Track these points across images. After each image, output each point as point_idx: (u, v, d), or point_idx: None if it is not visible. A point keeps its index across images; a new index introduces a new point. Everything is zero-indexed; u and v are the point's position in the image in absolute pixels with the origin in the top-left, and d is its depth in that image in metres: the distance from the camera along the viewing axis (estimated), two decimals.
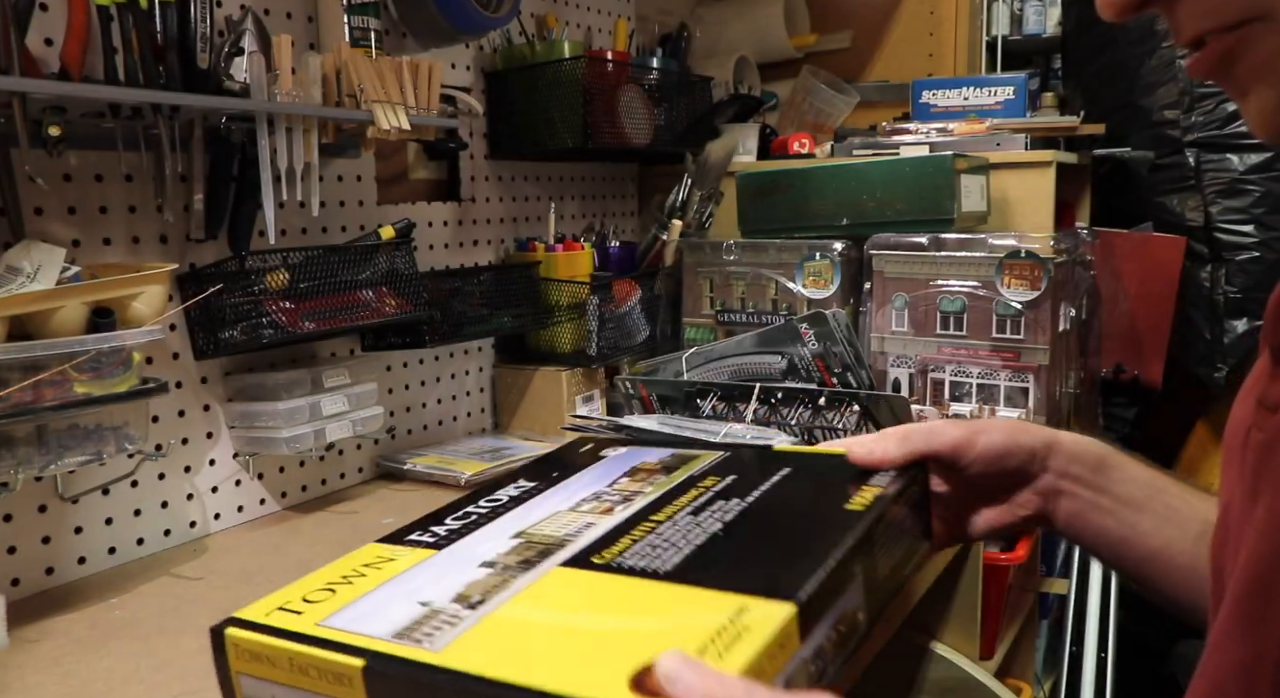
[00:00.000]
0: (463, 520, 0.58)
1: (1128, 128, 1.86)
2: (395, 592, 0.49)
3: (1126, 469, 0.62)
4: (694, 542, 0.49)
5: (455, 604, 0.46)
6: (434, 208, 1.43)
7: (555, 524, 0.55)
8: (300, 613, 0.48)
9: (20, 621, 0.87)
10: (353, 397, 1.18)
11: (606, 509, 0.56)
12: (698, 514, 0.53)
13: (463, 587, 0.47)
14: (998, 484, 0.63)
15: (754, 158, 1.73)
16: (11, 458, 0.84)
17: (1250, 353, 1.77)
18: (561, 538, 0.52)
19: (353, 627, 0.45)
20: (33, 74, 0.85)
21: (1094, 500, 0.62)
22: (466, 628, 0.43)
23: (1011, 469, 0.62)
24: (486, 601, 0.45)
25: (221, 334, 1.05)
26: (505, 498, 0.62)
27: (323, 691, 0.44)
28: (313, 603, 0.49)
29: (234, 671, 0.49)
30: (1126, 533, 0.61)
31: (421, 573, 0.51)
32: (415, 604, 0.46)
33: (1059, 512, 0.62)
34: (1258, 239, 1.73)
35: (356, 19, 1.16)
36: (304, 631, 0.46)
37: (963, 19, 2.03)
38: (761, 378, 1.34)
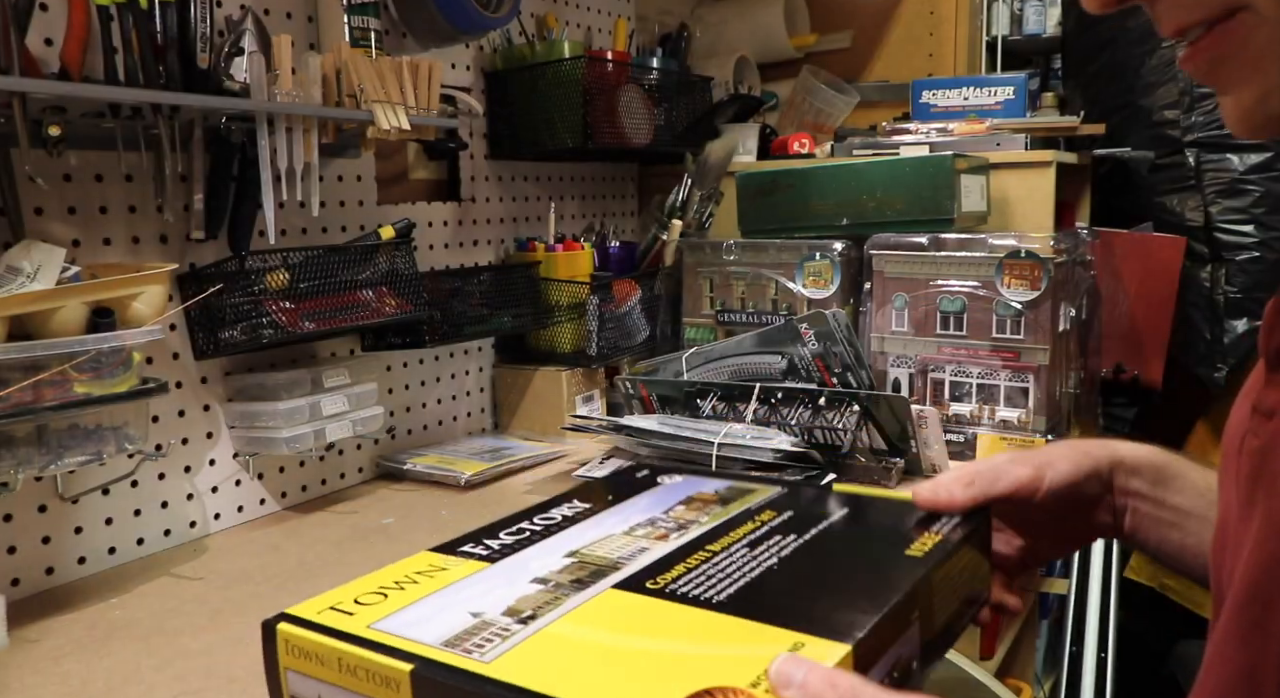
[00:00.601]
0: (516, 536, 0.58)
1: (1128, 128, 1.86)
2: (447, 601, 0.49)
3: (1186, 478, 0.62)
4: (749, 575, 0.50)
5: (506, 617, 0.46)
6: (434, 208, 1.43)
7: (609, 546, 0.55)
8: (352, 615, 0.49)
9: (20, 621, 0.87)
10: (353, 397, 1.18)
11: (661, 536, 0.56)
12: (754, 548, 0.53)
13: (514, 601, 0.48)
14: (1066, 512, 0.63)
15: (754, 158, 1.73)
16: (11, 458, 0.84)
17: (1250, 353, 1.77)
18: (615, 561, 0.52)
19: (404, 632, 0.46)
20: (33, 74, 0.85)
21: (1155, 514, 0.62)
22: (517, 642, 0.43)
23: (1080, 498, 0.62)
24: (538, 616, 0.46)
25: (221, 334, 1.05)
26: (559, 517, 0.61)
27: (369, 693, 0.44)
28: (365, 606, 0.50)
29: (282, 666, 0.49)
30: (1190, 542, 0.61)
31: (474, 585, 0.51)
32: (466, 614, 0.47)
33: (1124, 526, 0.63)
34: (1258, 239, 1.73)
35: (356, 19, 1.16)
36: (355, 632, 0.47)
37: (963, 19, 2.03)
38: (761, 378, 1.34)
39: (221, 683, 0.76)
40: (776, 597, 0.47)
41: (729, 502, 0.62)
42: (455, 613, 0.47)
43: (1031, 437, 1.28)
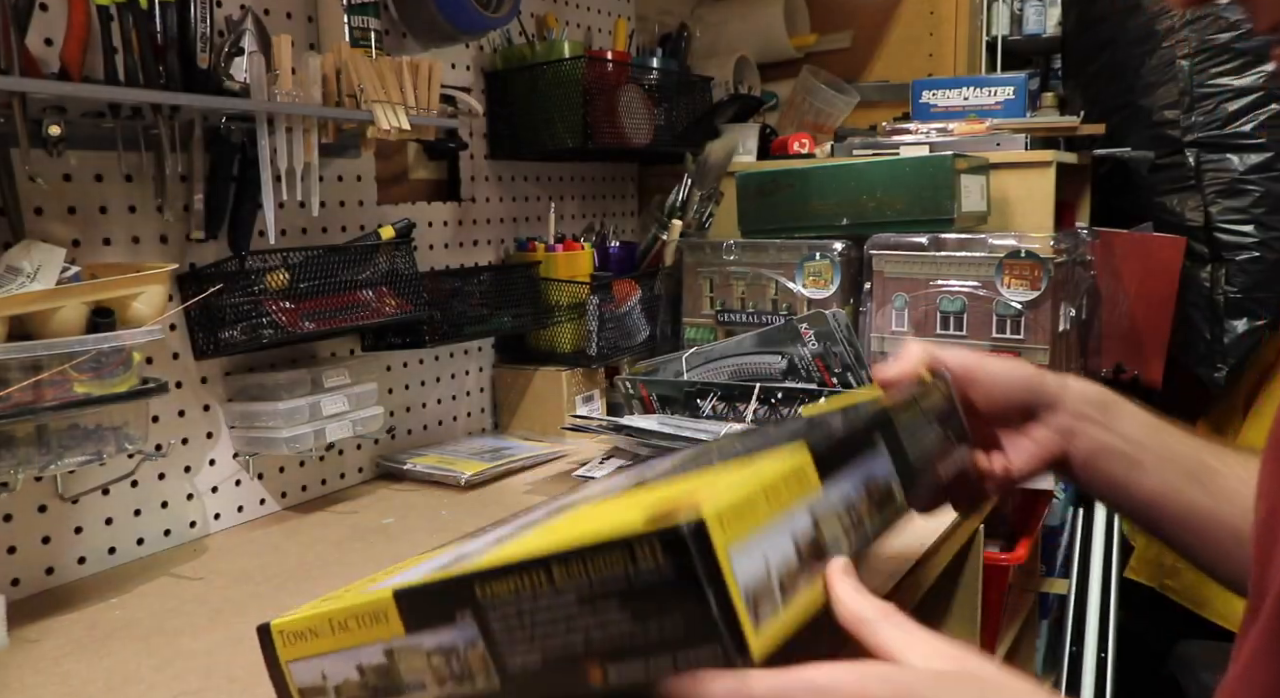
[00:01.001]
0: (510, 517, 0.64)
1: (1128, 128, 1.86)
2: (439, 558, 0.51)
3: (1130, 410, 0.65)
4: (745, 447, 0.56)
5: (491, 545, 0.49)
6: (434, 208, 1.43)
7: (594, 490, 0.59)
8: (342, 597, 0.51)
9: (20, 621, 0.87)
10: (353, 397, 1.18)
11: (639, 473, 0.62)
12: (746, 435, 0.62)
13: (500, 534, 0.51)
14: (1016, 418, 0.66)
15: (754, 158, 1.73)
16: (11, 458, 0.84)
17: (1250, 353, 1.77)
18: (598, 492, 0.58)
19: (394, 581, 0.47)
20: (33, 74, 0.85)
21: (1103, 440, 0.64)
22: (493, 551, 0.45)
23: (1024, 400, 0.65)
24: (520, 534, 0.48)
25: (221, 334, 1.05)
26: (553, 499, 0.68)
27: (365, 639, 0.46)
28: (352, 590, 0.52)
29: (283, 661, 0.50)
30: (1132, 473, 0.63)
31: (469, 544, 0.53)
32: (453, 556, 0.49)
33: (1076, 453, 0.65)
34: (1258, 239, 1.73)
35: (356, 19, 1.16)
36: (346, 599, 0.49)
37: (963, 19, 2.03)
38: (761, 378, 1.34)
39: (221, 683, 0.76)
40: (760, 447, 0.52)
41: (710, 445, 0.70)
42: (440, 560, 0.50)
43: None
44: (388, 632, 0.45)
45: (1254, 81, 1.71)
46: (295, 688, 0.50)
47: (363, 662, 0.46)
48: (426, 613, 0.43)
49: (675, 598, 0.37)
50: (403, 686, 0.45)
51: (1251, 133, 1.72)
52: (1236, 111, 1.73)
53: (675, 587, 0.37)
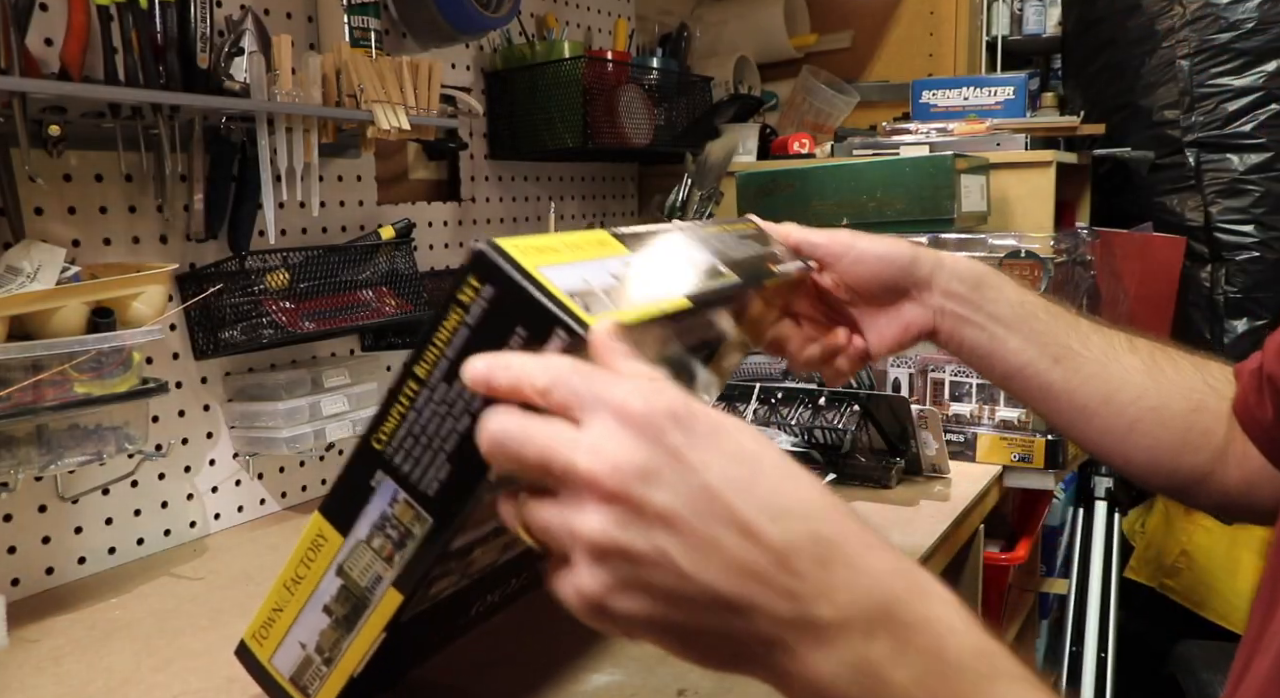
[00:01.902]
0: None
1: (1128, 128, 1.86)
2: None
3: (1002, 290, 0.68)
4: None
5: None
6: (434, 208, 1.43)
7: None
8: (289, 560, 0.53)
9: (20, 621, 0.87)
10: (353, 397, 1.18)
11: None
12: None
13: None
14: (886, 296, 0.70)
15: (754, 158, 1.73)
16: (11, 458, 0.84)
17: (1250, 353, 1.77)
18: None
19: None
20: (33, 74, 0.85)
21: (969, 317, 0.68)
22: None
23: (894, 279, 0.68)
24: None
25: (221, 334, 1.05)
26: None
27: (316, 575, 0.48)
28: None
29: (264, 661, 0.50)
30: (996, 348, 0.68)
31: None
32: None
33: (941, 329, 0.69)
34: (1258, 239, 1.73)
35: (356, 19, 1.16)
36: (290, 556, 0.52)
37: (963, 19, 2.03)
38: (761, 378, 1.34)
39: (221, 683, 0.76)
40: None
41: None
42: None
43: (1031, 436, 1.28)
44: (330, 552, 0.46)
45: (1254, 81, 1.71)
46: (285, 680, 0.50)
47: (325, 601, 0.47)
48: (348, 504, 0.45)
49: (509, 311, 0.40)
50: (364, 592, 0.46)
51: (1251, 133, 1.72)
52: (1236, 111, 1.73)
53: (503, 301, 0.40)
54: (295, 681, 0.47)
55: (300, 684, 0.48)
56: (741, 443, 0.36)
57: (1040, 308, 0.68)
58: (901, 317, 0.70)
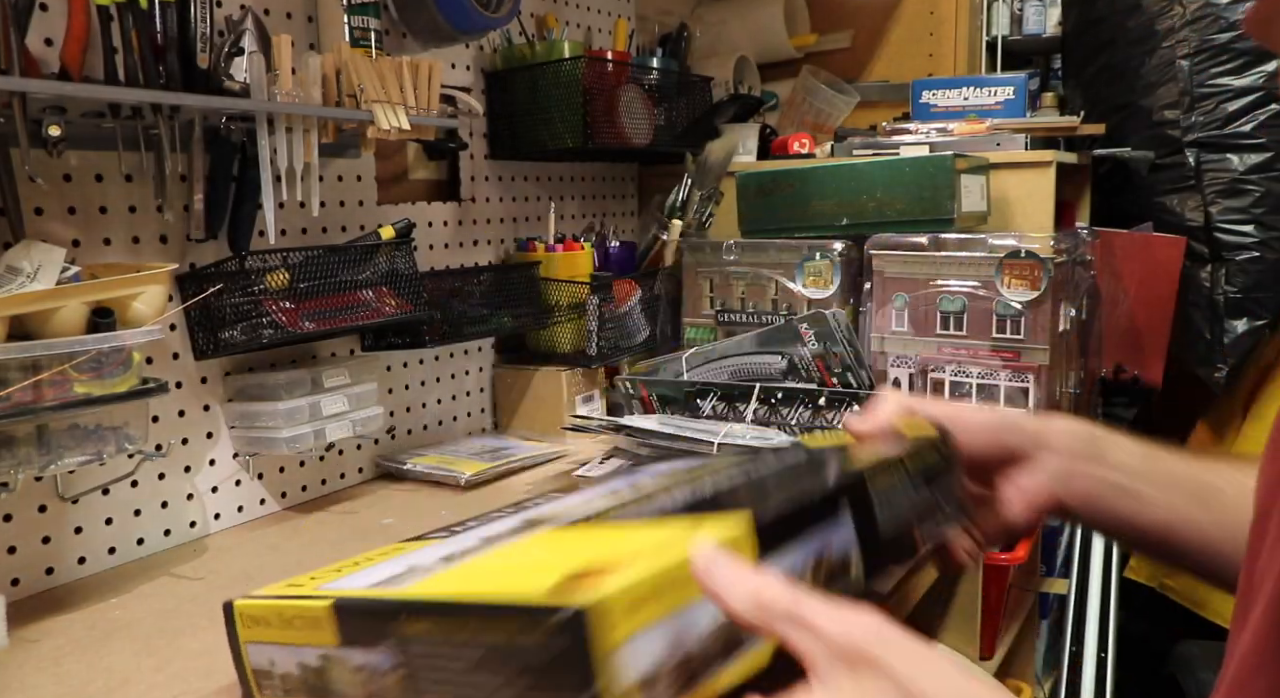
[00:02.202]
0: (481, 518, 0.60)
1: (1128, 128, 1.86)
2: (393, 565, 0.51)
3: (1119, 442, 0.62)
4: (684, 499, 0.50)
5: (439, 562, 0.48)
6: (434, 208, 1.43)
7: (564, 507, 0.55)
8: (302, 586, 0.51)
9: (20, 621, 0.87)
10: (353, 397, 1.18)
11: (616, 493, 0.56)
12: (695, 483, 0.53)
13: (451, 551, 0.50)
14: (1000, 468, 0.62)
15: (754, 158, 1.73)
16: (11, 458, 0.84)
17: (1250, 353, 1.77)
18: (563, 513, 0.53)
19: (341, 585, 0.48)
20: (33, 74, 0.85)
21: (1100, 475, 0.61)
22: (434, 574, 0.46)
23: (1007, 448, 0.61)
24: (466, 557, 0.47)
25: (221, 334, 1.05)
26: (531, 501, 0.63)
27: (306, 640, 0.46)
28: (316, 579, 0.52)
29: (241, 641, 0.51)
30: (1140, 505, 0.60)
31: (424, 551, 0.52)
32: (403, 566, 0.49)
33: (1073, 495, 0.61)
34: (1258, 239, 1.73)
35: (356, 19, 1.16)
36: (299, 592, 0.49)
37: (963, 19, 2.03)
38: (761, 378, 1.34)
39: (221, 683, 0.76)
40: (700, 508, 0.46)
41: (695, 469, 0.61)
42: (395, 567, 0.49)
43: None
44: (324, 639, 0.45)
45: (1254, 81, 1.71)
46: (250, 668, 0.50)
47: (303, 660, 0.47)
48: (357, 630, 0.44)
49: (560, 678, 0.35)
50: (333, 693, 0.45)
51: (1251, 133, 1.72)
52: (1236, 111, 1.73)
53: (561, 667, 0.35)
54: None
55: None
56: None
57: (1162, 453, 0.61)
58: (1023, 487, 0.62)
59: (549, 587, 0.36)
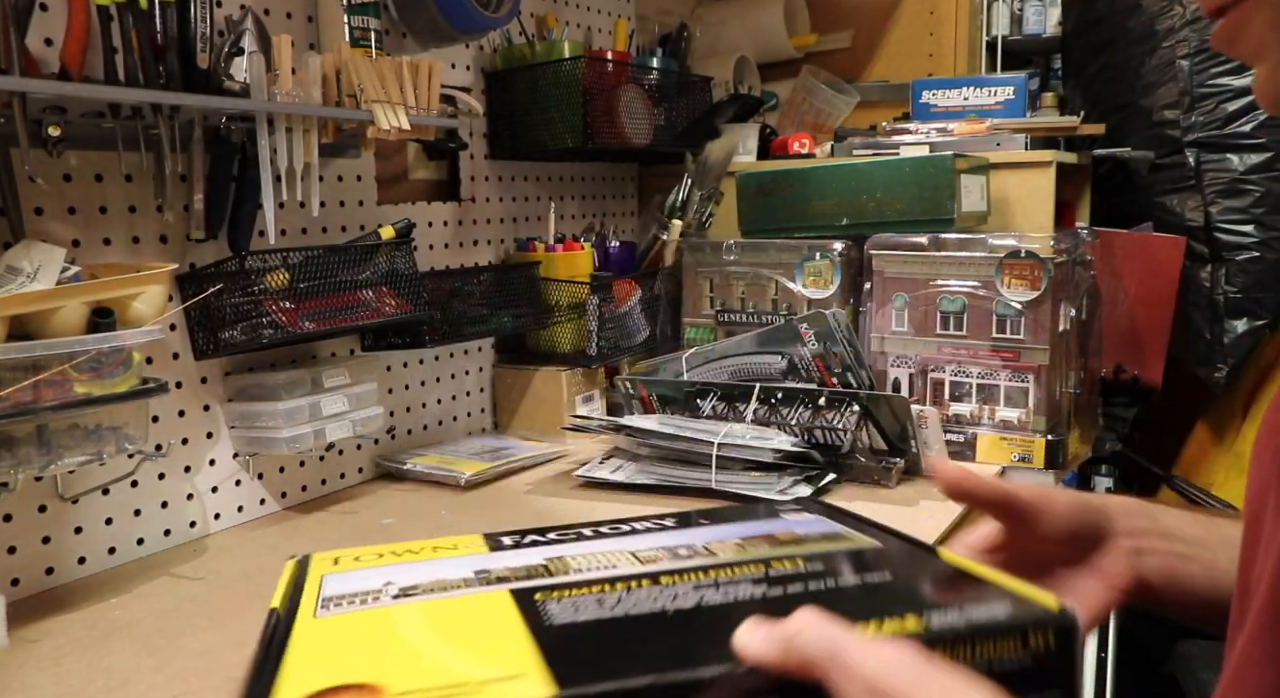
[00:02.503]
0: (546, 536, 0.53)
1: (1128, 128, 1.86)
2: (401, 570, 0.48)
3: (1168, 510, 0.59)
4: (648, 608, 0.39)
5: (391, 588, 0.45)
6: (434, 208, 1.43)
7: (584, 559, 0.47)
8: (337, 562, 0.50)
9: (20, 621, 0.87)
10: (353, 397, 1.18)
11: (651, 559, 0.46)
12: (716, 588, 0.42)
13: (419, 581, 0.46)
14: (1084, 552, 0.57)
15: (754, 158, 1.73)
16: (11, 458, 0.84)
17: (1250, 353, 1.77)
18: (559, 570, 0.46)
19: (329, 587, 0.46)
20: (33, 74, 0.85)
21: (1170, 548, 0.57)
22: (352, 610, 0.43)
23: (1091, 529, 0.57)
24: (408, 596, 0.44)
25: (221, 334, 1.05)
26: (619, 529, 0.53)
27: None
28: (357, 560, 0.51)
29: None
30: (1212, 578, 0.56)
31: (440, 563, 0.49)
32: (382, 581, 0.46)
33: (1150, 572, 0.57)
34: (1258, 239, 1.73)
35: (356, 19, 1.16)
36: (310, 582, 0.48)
37: (963, 19, 2.03)
38: (761, 378, 1.35)
39: (221, 683, 0.76)
40: (627, 641, 0.37)
41: (798, 543, 0.48)
42: (379, 579, 0.46)
43: (1031, 437, 1.28)
44: None
45: (1254, 81, 1.71)
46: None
47: None
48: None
49: None
50: None
51: (1251, 133, 1.72)
52: (1236, 111, 1.73)
53: None
54: None
55: None
56: None
57: (1210, 514, 0.58)
58: (1104, 572, 0.57)
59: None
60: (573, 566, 0.47)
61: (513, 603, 0.42)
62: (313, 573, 0.49)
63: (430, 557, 0.51)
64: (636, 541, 0.51)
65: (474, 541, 0.53)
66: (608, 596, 0.41)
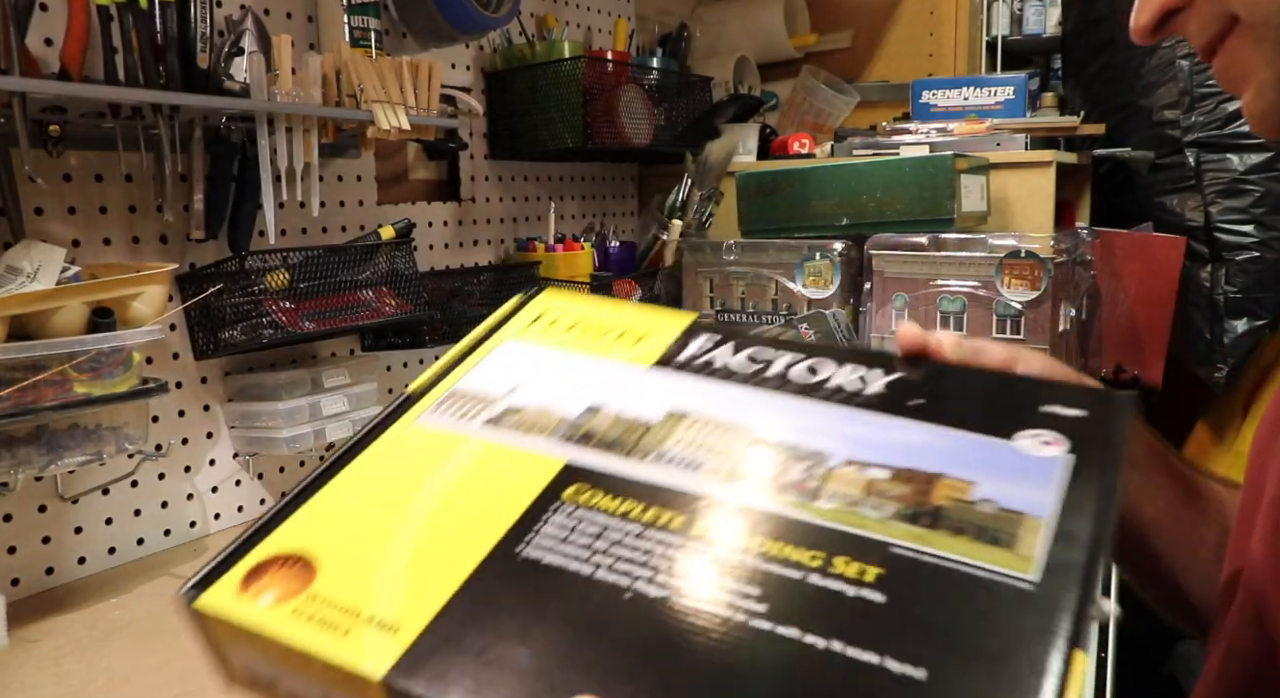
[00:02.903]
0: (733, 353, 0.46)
1: (1128, 128, 1.86)
2: (542, 370, 0.47)
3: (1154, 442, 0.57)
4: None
5: (499, 410, 0.44)
6: (434, 208, 1.43)
7: (687, 439, 0.41)
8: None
9: (20, 621, 0.87)
10: (353, 397, 1.18)
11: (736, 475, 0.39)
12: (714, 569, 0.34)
13: (534, 404, 0.44)
14: None
15: (754, 158, 1.73)
16: (11, 458, 0.84)
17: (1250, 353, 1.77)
18: (643, 449, 0.40)
19: (471, 381, 0.46)
20: (33, 74, 0.85)
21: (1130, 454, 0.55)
22: (448, 426, 0.43)
23: None
24: (495, 425, 0.43)
25: (221, 334, 1.05)
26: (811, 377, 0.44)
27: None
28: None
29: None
30: (1134, 498, 0.55)
31: (584, 378, 0.45)
32: (510, 386, 0.45)
33: None
34: (1258, 239, 1.73)
35: (356, 19, 1.16)
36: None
37: (963, 19, 2.03)
38: None
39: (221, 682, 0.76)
40: None
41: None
42: (514, 379, 0.46)
43: None
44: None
45: (1243, 105, 1.71)
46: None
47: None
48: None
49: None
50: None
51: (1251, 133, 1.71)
52: (1236, 111, 1.73)
53: None
54: None
55: None
56: None
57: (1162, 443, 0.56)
58: None
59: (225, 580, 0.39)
60: (653, 446, 0.40)
61: (537, 492, 0.39)
62: (504, 332, 0.49)
63: (599, 353, 0.47)
64: (786, 423, 0.40)
65: (674, 326, 0.47)
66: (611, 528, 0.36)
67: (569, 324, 0.50)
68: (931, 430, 0.40)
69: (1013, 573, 0.33)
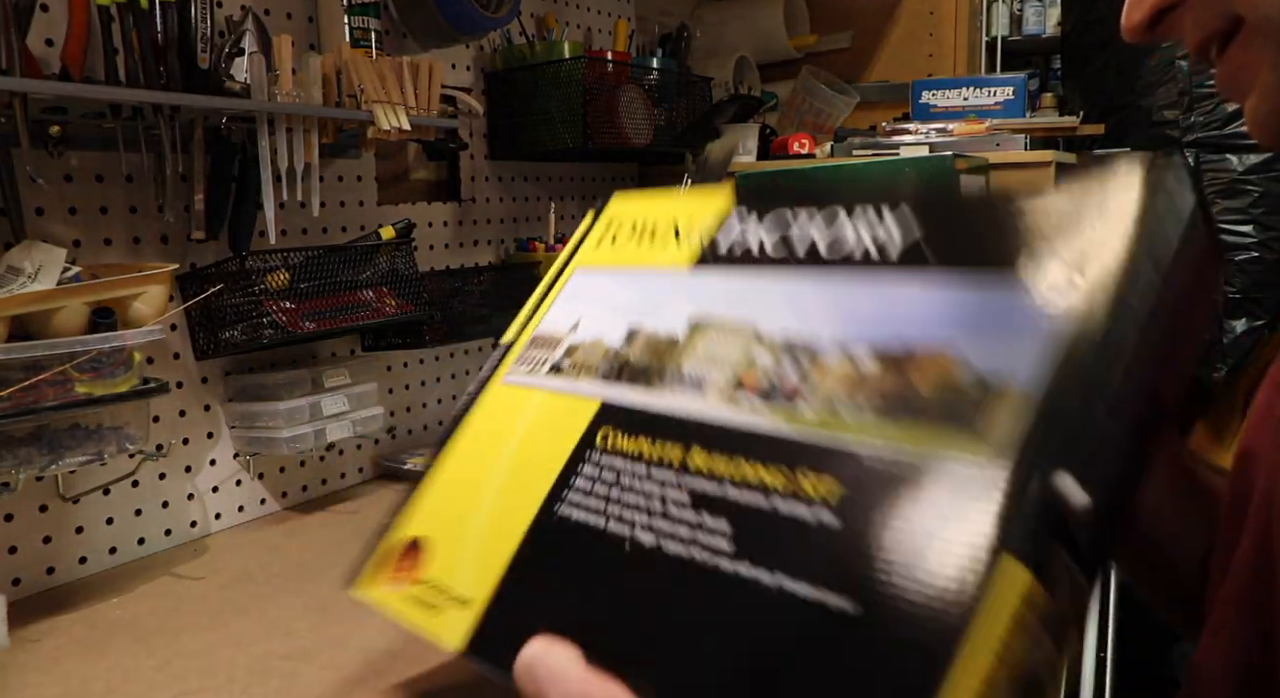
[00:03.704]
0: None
1: (1128, 128, 1.86)
2: (598, 297, 0.46)
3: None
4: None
5: (558, 357, 0.44)
6: (434, 208, 1.43)
7: (701, 353, 0.38)
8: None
9: (21, 620, 0.87)
10: (353, 397, 1.18)
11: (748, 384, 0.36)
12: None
13: (588, 338, 0.44)
14: None
15: (754, 158, 1.73)
16: (12, 458, 0.85)
17: (1250, 353, 1.77)
18: (667, 374, 0.39)
19: (547, 324, 0.47)
20: (33, 74, 0.85)
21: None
22: (525, 381, 0.44)
23: None
24: (557, 373, 0.43)
25: (222, 334, 1.05)
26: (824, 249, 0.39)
27: None
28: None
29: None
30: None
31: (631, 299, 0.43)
32: (572, 322, 0.46)
33: None
34: (1257, 239, 1.73)
35: (356, 19, 1.16)
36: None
37: (963, 19, 2.03)
38: None
39: (221, 683, 0.76)
40: None
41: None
42: (575, 315, 0.46)
43: None
44: None
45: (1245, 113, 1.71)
46: None
47: None
48: None
49: None
50: None
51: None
52: (1235, 112, 1.73)
53: None
54: None
55: None
56: None
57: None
58: None
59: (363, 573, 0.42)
60: (672, 368, 0.38)
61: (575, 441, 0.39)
62: (578, 257, 0.49)
63: (649, 261, 0.45)
64: (792, 309, 0.37)
65: (717, 210, 0.43)
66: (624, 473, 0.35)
67: (629, 233, 0.47)
68: (933, 279, 0.34)
69: (969, 459, 0.29)
